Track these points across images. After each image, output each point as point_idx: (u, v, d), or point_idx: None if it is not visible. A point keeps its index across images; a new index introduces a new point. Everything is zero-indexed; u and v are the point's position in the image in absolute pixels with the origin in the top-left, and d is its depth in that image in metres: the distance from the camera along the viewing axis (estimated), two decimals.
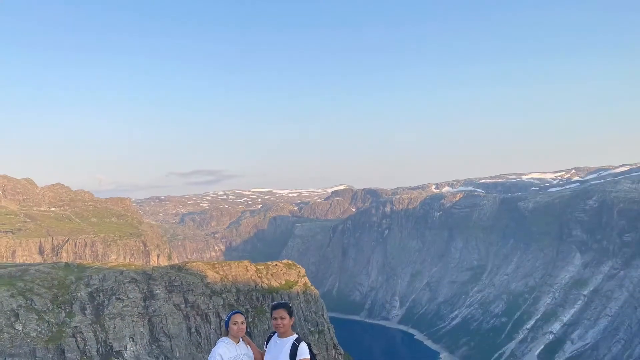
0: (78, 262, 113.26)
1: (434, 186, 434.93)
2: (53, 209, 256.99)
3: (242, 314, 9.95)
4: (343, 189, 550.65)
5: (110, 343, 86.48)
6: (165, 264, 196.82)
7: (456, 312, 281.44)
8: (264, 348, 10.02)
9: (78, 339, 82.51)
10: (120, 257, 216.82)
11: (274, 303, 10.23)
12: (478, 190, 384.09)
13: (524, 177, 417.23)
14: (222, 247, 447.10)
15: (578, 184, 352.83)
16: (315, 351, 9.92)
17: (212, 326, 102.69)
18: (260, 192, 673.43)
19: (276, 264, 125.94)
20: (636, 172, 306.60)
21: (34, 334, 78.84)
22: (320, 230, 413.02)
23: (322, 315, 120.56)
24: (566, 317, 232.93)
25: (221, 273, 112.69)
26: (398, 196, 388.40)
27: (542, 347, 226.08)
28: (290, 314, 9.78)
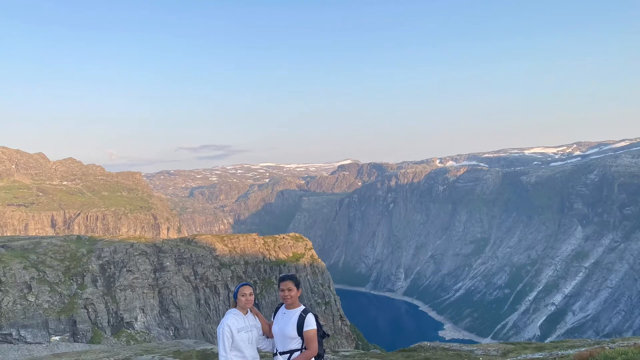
0: (89, 235, 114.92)
1: (438, 160, 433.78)
2: (65, 183, 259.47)
3: (250, 285, 10.27)
4: (349, 163, 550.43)
5: (121, 314, 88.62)
6: (175, 236, 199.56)
7: (460, 284, 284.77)
8: (272, 319, 10.42)
9: (89, 310, 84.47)
10: (131, 230, 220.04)
11: (281, 275, 10.50)
12: (481, 164, 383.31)
13: (527, 152, 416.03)
14: (231, 220, 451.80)
15: (579, 158, 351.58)
16: (321, 322, 10.34)
17: (220, 298, 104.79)
18: (268, 167, 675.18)
19: (283, 237, 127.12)
20: (636, 147, 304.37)
21: (46, 306, 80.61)
22: (327, 203, 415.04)
23: (329, 287, 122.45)
24: (567, 289, 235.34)
25: (230, 246, 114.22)
26: (403, 170, 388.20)
27: (544, 318, 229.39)
28: (298, 285, 10.08)
